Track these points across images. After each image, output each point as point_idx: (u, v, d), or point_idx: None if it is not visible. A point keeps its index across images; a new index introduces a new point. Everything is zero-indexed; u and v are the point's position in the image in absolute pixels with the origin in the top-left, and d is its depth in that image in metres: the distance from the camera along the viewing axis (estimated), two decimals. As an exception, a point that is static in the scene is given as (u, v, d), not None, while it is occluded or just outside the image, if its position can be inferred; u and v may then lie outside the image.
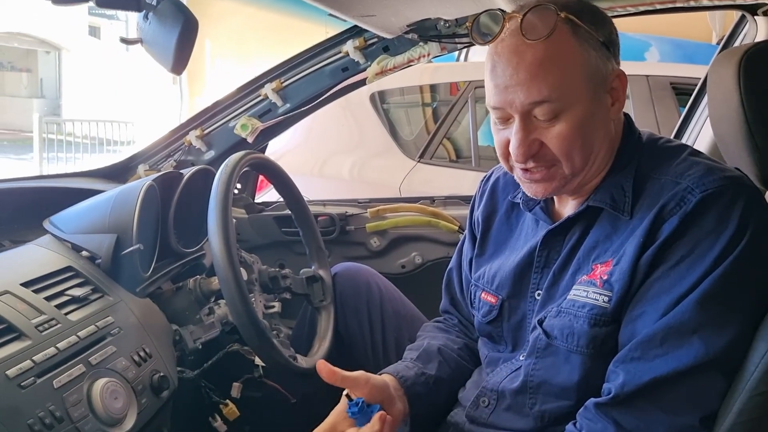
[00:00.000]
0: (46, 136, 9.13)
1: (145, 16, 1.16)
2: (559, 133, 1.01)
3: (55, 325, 1.07)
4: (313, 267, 1.64)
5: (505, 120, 1.05)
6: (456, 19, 1.59)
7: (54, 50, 18.07)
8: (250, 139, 1.86)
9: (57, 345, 1.04)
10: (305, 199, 1.69)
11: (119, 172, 1.91)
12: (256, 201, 2.16)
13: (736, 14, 1.76)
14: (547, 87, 0.98)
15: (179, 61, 1.14)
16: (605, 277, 1.02)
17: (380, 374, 1.25)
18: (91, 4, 1.10)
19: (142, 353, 1.20)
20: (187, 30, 1.11)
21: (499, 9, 1.04)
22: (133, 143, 9.79)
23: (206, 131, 1.89)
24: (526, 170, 1.07)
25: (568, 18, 0.99)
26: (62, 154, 9.20)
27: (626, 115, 1.12)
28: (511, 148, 1.04)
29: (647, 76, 3.23)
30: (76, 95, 16.70)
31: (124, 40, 1.23)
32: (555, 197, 1.17)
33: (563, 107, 1.00)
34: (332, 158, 3.75)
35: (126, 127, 10.16)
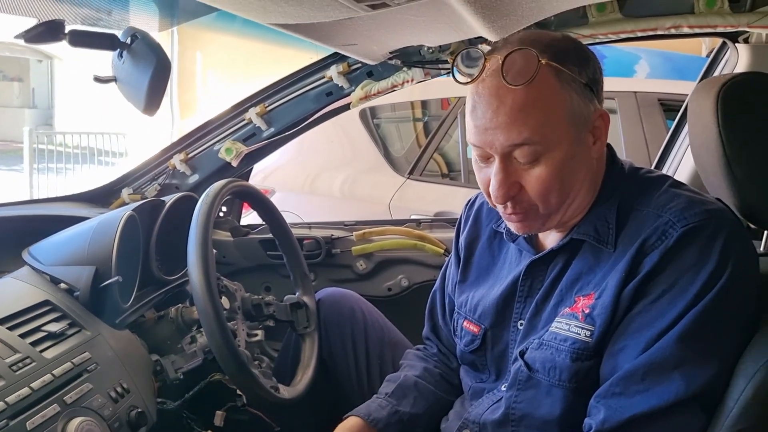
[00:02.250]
0: (36, 147, 9.07)
1: (120, 55, 1.15)
2: (539, 176, 1.01)
3: (30, 363, 1.06)
4: (297, 293, 1.64)
5: (486, 159, 1.04)
6: (439, 46, 1.59)
7: (46, 59, 17.97)
8: (234, 163, 1.86)
9: (31, 385, 1.02)
10: (291, 222, 1.69)
11: (103, 196, 1.90)
12: (241, 224, 2.15)
13: (717, 40, 1.77)
14: (527, 130, 0.98)
15: (151, 102, 1.13)
16: (587, 311, 1.02)
17: (350, 415, 1.25)
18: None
19: (119, 389, 1.18)
20: (159, 71, 1.10)
21: (480, 45, 1.03)
22: (126, 155, 9.75)
23: (190, 155, 1.89)
24: (506, 208, 1.07)
25: (549, 64, 0.98)
26: (53, 165, 9.14)
27: (608, 146, 1.12)
28: (491, 189, 1.04)
29: (635, 92, 3.24)
30: (69, 105, 16.60)
31: (98, 79, 1.22)
32: None
33: (543, 150, 1.00)
34: (323, 174, 3.74)
35: (118, 138, 10.11)
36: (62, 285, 1.29)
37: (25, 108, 18.05)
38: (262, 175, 3.62)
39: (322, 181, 3.72)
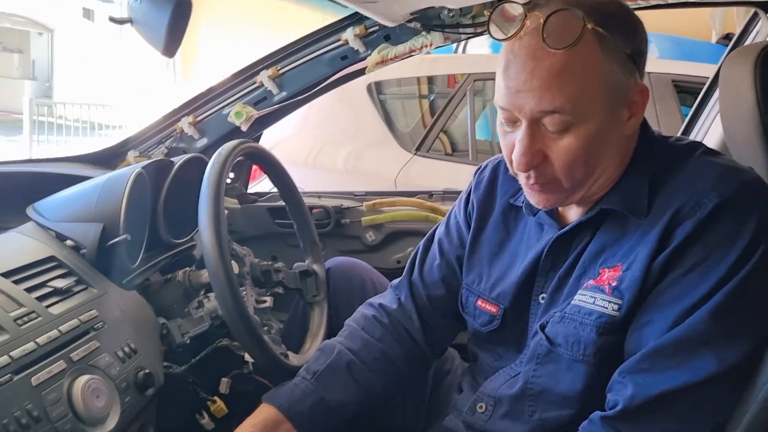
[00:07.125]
0: (36, 119, 9.02)
1: (137, -5, 1.10)
2: (567, 148, 0.96)
3: (36, 318, 1.02)
4: (306, 261, 1.60)
5: (513, 122, 0.99)
6: (461, 9, 1.54)
7: (47, 32, 17.89)
8: (244, 128, 1.81)
9: (36, 340, 0.98)
10: (300, 190, 1.64)
11: (108, 158, 1.85)
12: (249, 191, 2.11)
13: (746, 12, 1.72)
14: (561, 98, 0.92)
15: (171, 43, 1.08)
16: (614, 284, 0.98)
17: (266, 401, 1.21)
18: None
19: (126, 349, 1.15)
20: (179, 10, 1.05)
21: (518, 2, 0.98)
22: (125, 127, 9.70)
23: (199, 118, 1.83)
24: (528, 178, 1.02)
25: (594, 29, 0.92)
26: (53, 137, 9.10)
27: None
28: (514, 156, 0.98)
29: (649, 73, 3.19)
30: (69, 77, 16.54)
31: (113, 20, 1.17)
32: None
33: (574, 121, 0.94)
34: (327, 148, 3.70)
35: (118, 110, 10.06)
36: (68, 242, 1.25)
37: (25, 79, 18.00)
38: (265, 147, 3.57)
39: (326, 156, 3.68)
